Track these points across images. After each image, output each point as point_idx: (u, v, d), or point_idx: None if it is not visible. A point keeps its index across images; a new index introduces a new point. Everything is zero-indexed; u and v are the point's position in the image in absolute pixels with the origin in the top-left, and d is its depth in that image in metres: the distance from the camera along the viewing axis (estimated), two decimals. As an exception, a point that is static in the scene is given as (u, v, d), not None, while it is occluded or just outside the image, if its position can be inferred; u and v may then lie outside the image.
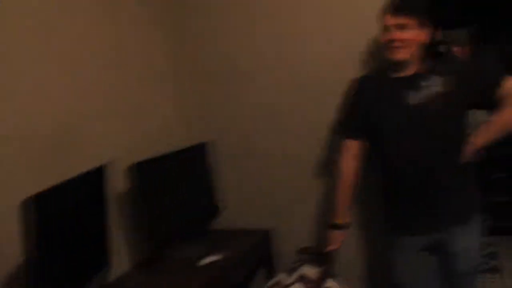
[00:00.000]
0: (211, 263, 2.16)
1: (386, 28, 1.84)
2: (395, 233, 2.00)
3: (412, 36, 1.80)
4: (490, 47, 3.95)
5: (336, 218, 2.09)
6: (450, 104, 1.79)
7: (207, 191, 2.60)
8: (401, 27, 1.79)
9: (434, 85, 1.81)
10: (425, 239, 1.92)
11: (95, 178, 1.87)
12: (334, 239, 2.09)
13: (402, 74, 1.88)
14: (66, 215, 1.63)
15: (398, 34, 1.80)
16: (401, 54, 1.82)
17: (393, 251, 2.02)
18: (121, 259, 2.17)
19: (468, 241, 1.87)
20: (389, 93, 1.90)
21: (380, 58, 2.07)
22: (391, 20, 1.81)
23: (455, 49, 4.10)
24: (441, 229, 1.87)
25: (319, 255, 2.15)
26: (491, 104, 1.79)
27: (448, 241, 1.88)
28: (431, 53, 1.89)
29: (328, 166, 2.44)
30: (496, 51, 3.72)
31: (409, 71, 1.87)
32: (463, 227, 1.86)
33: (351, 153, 2.05)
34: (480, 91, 1.80)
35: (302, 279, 2.07)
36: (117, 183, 2.12)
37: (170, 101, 2.73)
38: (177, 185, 2.35)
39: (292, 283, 2.06)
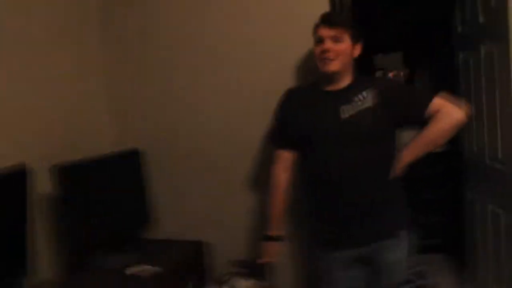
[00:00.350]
0: (139, 272, 2.07)
1: (320, 40, 1.85)
2: (323, 247, 2.01)
3: (345, 48, 1.84)
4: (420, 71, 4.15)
5: (270, 230, 2.06)
6: (380, 120, 1.83)
7: (138, 199, 2.52)
8: (335, 39, 1.82)
9: (366, 100, 1.85)
10: (353, 252, 1.93)
11: (16, 178, 1.75)
12: (269, 251, 2.05)
13: (334, 87, 1.91)
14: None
15: (331, 45, 1.82)
16: (334, 66, 1.84)
17: (320, 265, 2.03)
18: (43, 267, 2.04)
19: (395, 255, 1.91)
20: (320, 105, 1.92)
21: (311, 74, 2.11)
22: (326, 32, 1.83)
23: (391, 74, 4.31)
24: (369, 243, 1.89)
25: (254, 268, 2.10)
26: (420, 122, 1.84)
27: (376, 254, 1.90)
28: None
29: (260, 177, 2.45)
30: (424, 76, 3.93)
31: (341, 84, 1.91)
32: (391, 242, 1.89)
33: (283, 164, 2.04)
34: (410, 108, 1.85)
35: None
36: (42, 186, 1.99)
37: (102, 102, 2.66)
38: (106, 191, 2.26)
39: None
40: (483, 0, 2.47)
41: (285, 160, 2.03)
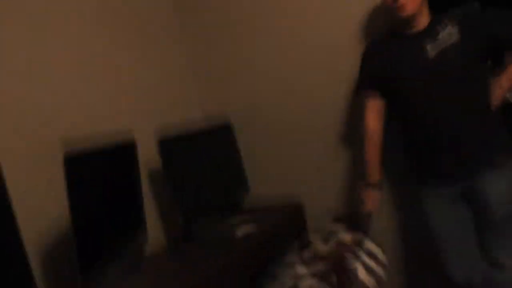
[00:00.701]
0: (248, 235, 2.14)
1: None
2: (424, 183, 2.00)
3: None
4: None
5: (368, 177, 2.08)
6: (467, 53, 1.79)
7: (234, 169, 2.60)
8: None
9: (450, 36, 1.81)
10: (453, 186, 1.89)
11: (127, 150, 1.90)
12: (369, 198, 2.08)
13: (415, 30, 1.89)
14: (98, 181, 1.64)
15: None
16: (409, 8, 1.80)
17: (424, 201, 2.01)
18: (154, 233, 2.19)
19: (500, 186, 1.82)
20: (406, 48, 1.90)
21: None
22: None
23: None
24: (469, 176, 1.85)
25: (355, 221, 2.11)
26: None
27: (480, 186, 1.84)
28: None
29: (345, 134, 2.48)
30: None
31: (421, 25, 1.88)
32: (492, 173, 1.82)
33: (374, 112, 2.06)
34: (498, 34, 1.79)
35: (339, 245, 2.05)
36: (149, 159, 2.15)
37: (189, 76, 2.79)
38: (204, 163, 2.35)
39: (329, 251, 2.04)
40: None
41: (375, 108, 2.05)
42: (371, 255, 2.08)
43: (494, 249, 1.91)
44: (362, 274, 2.01)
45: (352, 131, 2.44)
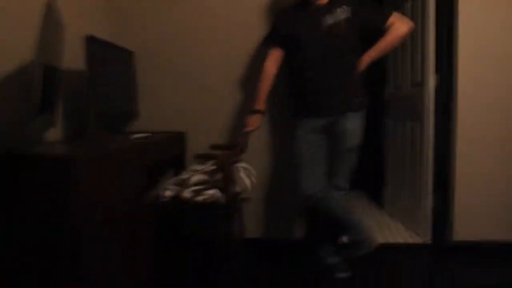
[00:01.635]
0: (143, 137, 2.45)
1: None
2: (300, 116, 2.62)
3: None
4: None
5: (256, 105, 2.63)
6: (352, 26, 2.48)
7: (128, 96, 2.86)
8: None
9: (344, 12, 2.49)
10: (321, 120, 2.55)
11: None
12: (252, 121, 2.61)
13: (317, 2, 2.54)
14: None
15: None
16: None
17: (296, 130, 2.62)
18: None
19: (354, 124, 2.52)
20: (308, 16, 2.54)
21: None
22: None
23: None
24: (333, 114, 2.52)
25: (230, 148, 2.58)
26: (380, 30, 2.52)
27: (339, 122, 2.51)
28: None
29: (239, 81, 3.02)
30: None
31: (324, 0, 2.53)
32: (351, 114, 2.51)
33: (273, 59, 2.65)
34: (375, 20, 2.52)
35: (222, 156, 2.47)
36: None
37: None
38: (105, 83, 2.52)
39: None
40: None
41: (275, 56, 2.64)
42: (245, 168, 2.58)
43: (336, 176, 2.58)
44: (242, 173, 2.49)
45: (243, 82, 3.01)
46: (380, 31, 2.52)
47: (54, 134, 2.29)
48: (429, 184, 3.07)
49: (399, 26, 2.49)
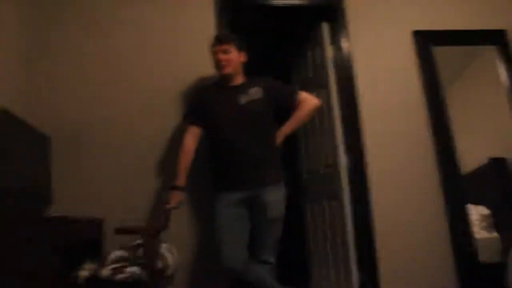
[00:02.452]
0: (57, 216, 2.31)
1: (214, 54, 2.72)
2: (220, 190, 2.63)
3: (233, 57, 2.69)
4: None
5: (176, 181, 2.62)
6: (266, 105, 2.68)
7: (41, 179, 2.75)
8: (224, 51, 2.69)
9: (257, 93, 2.69)
10: (241, 194, 2.57)
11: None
12: (174, 197, 2.59)
13: (232, 84, 2.73)
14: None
15: (223, 56, 2.68)
16: (227, 70, 2.69)
17: (217, 204, 2.61)
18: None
19: (276, 196, 2.58)
20: (225, 95, 2.71)
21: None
22: (217, 48, 2.71)
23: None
24: (253, 187, 2.57)
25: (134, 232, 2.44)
26: (291, 106, 2.75)
27: (261, 195, 2.56)
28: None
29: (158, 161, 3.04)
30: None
31: (237, 81, 2.74)
32: (272, 187, 2.59)
33: (192, 135, 2.73)
34: (286, 97, 2.74)
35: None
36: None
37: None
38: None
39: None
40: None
41: (194, 132, 2.73)
42: (167, 247, 2.49)
43: (261, 249, 2.56)
44: (164, 250, 2.39)
45: (161, 161, 3.03)
46: (291, 108, 2.74)
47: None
48: (352, 262, 3.09)
49: (309, 101, 2.74)
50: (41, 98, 3.06)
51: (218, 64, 2.68)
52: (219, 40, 2.70)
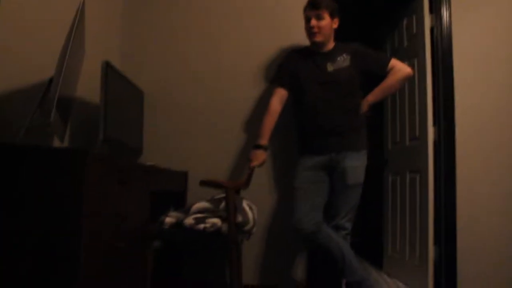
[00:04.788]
0: (149, 165, 2.46)
1: (307, 19, 2.67)
2: (302, 154, 2.68)
3: (326, 23, 2.64)
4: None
5: (260, 141, 2.67)
6: (353, 73, 2.64)
7: (135, 130, 2.94)
8: (318, 17, 2.63)
9: (345, 60, 2.65)
10: (322, 158, 2.60)
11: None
12: (257, 156, 2.64)
13: (322, 50, 2.70)
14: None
15: (316, 22, 2.63)
16: (318, 37, 2.65)
17: (297, 166, 2.67)
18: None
19: (356, 162, 2.58)
20: (313, 61, 2.70)
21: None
22: (311, 12, 2.65)
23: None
24: (335, 152, 2.58)
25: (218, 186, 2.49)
26: (382, 73, 2.66)
27: (341, 160, 2.56)
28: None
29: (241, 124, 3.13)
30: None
31: (326, 48, 2.71)
32: (353, 153, 2.58)
33: (278, 97, 2.75)
34: (376, 64, 2.67)
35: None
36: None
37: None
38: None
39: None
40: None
41: (279, 95, 2.74)
42: (248, 204, 2.57)
43: (337, 215, 2.58)
44: (244, 205, 2.48)
45: (246, 122, 3.11)
46: (381, 75, 2.65)
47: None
48: (430, 237, 3.02)
49: (399, 69, 2.63)
50: (137, 57, 3.24)
51: (310, 31, 2.65)
52: (313, 5, 2.64)
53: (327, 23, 2.64)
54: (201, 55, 3.22)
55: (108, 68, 2.37)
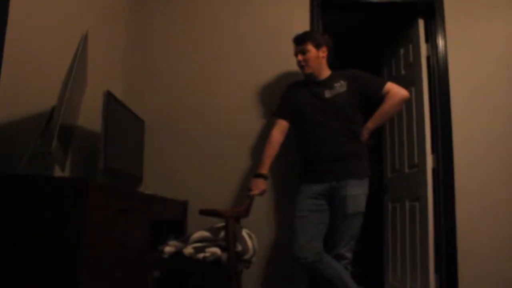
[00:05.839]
0: (149, 194, 2.47)
1: (295, 54, 2.75)
2: (303, 182, 2.70)
3: (311, 56, 2.70)
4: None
5: (260, 170, 2.68)
6: (351, 98, 2.67)
7: (135, 159, 2.95)
8: (302, 51, 2.71)
9: (342, 86, 2.69)
10: (322, 186, 2.61)
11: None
12: (257, 185, 2.64)
13: (318, 79, 2.75)
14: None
15: (301, 57, 2.72)
16: (306, 70, 2.73)
17: (298, 195, 2.68)
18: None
19: (356, 191, 2.57)
20: (311, 90, 2.75)
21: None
22: (296, 48, 2.75)
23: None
24: (336, 180, 2.58)
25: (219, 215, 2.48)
26: (377, 98, 2.69)
27: (342, 188, 2.56)
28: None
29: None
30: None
31: (322, 77, 2.75)
32: (354, 180, 2.58)
33: (279, 128, 2.79)
34: (371, 89, 2.70)
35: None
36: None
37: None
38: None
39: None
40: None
41: (281, 126, 2.79)
42: (248, 233, 2.57)
43: (338, 244, 2.57)
44: (244, 234, 2.47)
45: (247, 153, 3.14)
46: (378, 99, 2.68)
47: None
48: (430, 265, 3.00)
49: (395, 92, 2.65)
50: (138, 85, 3.28)
51: (299, 65, 2.74)
52: (296, 41, 2.75)
53: (313, 55, 2.71)
54: (202, 86, 3.26)
55: (109, 98, 2.40)
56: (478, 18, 3.29)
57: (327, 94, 2.68)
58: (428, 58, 3.30)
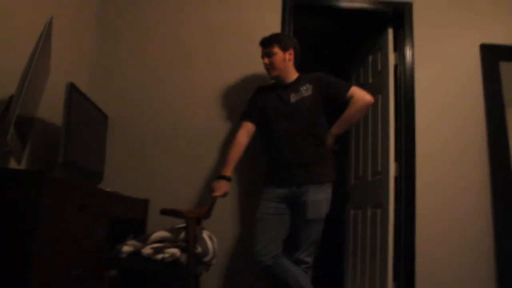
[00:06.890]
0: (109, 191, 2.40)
1: (262, 57, 2.75)
2: (266, 185, 2.69)
3: (277, 58, 2.70)
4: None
5: (224, 172, 2.65)
6: (316, 102, 2.68)
7: (96, 155, 2.87)
8: (268, 54, 2.71)
9: (306, 89, 2.69)
10: (284, 190, 2.60)
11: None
12: (220, 187, 2.60)
13: (285, 82, 2.75)
14: None
15: (267, 60, 2.72)
16: (272, 72, 2.73)
17: (261, 198, 2.67)
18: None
19: (318, 196, 2.56)
20: (277, 94, 2.74)
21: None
22: (263, 51, 2.75)
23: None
24: (298, 185, 2.58)
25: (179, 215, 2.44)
26: (342, 102, 2.69)
27: (303, 194, 2.56)
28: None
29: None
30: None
31: (289, 80, 2.75)
32: (315, 186, 2.57)
33: (245, 131, 2.77)
34: (335, 93, 2.69)
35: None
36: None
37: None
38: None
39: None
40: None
41: (247, 128, 2.77)
42: (209, 235, 2.53)
43: (298, 249, 2.56)
44: (205, 235, 2.44)
45: (212, 153, 3.10)
46: (343, 103, 2.68)
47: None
48: (389, 273, 3.03)
49: (358, 98, 2.65)
50: (104, 79, 3.20)
51: (265, 67, 2.74)
52: (262, 44, 2.75)
53: (279, 57, 2.71)
54: (168, 83, 3.20)
55: (72, 90, 2.32)
56: (446, 30, 3.36)
57: (292, 98, 2.68)
58: (395, 67, 3.35)
